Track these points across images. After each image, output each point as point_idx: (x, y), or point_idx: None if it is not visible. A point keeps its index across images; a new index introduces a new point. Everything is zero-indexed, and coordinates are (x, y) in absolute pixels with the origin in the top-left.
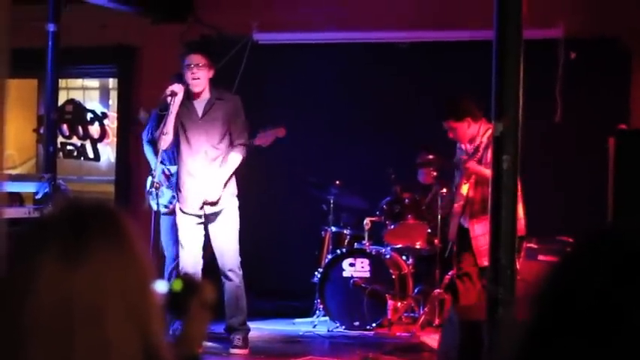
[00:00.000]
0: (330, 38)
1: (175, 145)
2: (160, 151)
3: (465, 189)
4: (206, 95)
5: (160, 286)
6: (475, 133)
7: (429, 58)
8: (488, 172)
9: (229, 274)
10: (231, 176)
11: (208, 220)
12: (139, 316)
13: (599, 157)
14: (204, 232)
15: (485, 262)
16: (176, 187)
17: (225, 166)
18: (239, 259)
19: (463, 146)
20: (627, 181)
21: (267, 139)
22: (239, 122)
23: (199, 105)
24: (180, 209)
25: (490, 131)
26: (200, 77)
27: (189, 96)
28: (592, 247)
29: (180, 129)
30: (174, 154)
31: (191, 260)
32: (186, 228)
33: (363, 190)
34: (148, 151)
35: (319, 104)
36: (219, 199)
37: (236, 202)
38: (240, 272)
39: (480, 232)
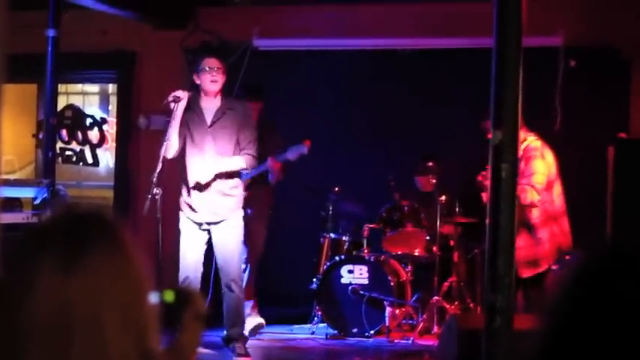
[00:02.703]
0: (330, 45)
1: (183, 150)
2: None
3: None
4: (217, 103)
5: (153, 298)
6: None
7: (430, 66)
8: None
9: (231, 284)
10: (234, 189)
11: (210, 230)
12: (136, 323)
13: (599, 165)
14: (206, 240)
15: (525, 274)
16: (184, 192)
17: (227, 160)
18: (241, 270)
19: None
20: (626, 190)
21: (294, 155)
22: (247, 132)
23: (209, 113)
24: (186, 216)
25: (527, 142)
26: (218, 80)
27: (199, 103)
28: (608, 258)
29: (187, 136)
30: None
31: (192, 268)
32: (188, 235)
33: (362, 196)
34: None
35: (319, 111)
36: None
37: (241, 214)
38: (242, 283)
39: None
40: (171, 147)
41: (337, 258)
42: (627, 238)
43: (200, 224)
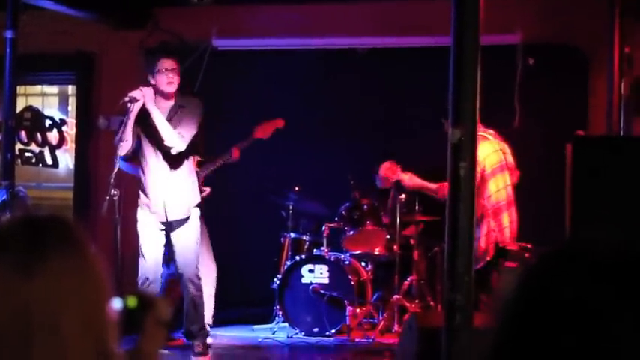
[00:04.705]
0: (289, 44)
1: (139, 150)
2: (118, 157)
3: None
4: (171, 102)
5: (115, 303)
6: None
7: (388, 64)
8: (431, 185)
9: (188, 283)
10: (192, 186)
11: (171, 227)
12: (96, 327)
13: (557, 163)
14: (165, 240)
15: None
16: (142, 192)
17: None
18: (198, 268)
19: None
20: (585, 188)
21: (267, 132)
22: (185, 124)
23: (164, 112)
24: (144, 215)
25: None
26: (174, 82)
27: (155, 102)
28: (558, 257)
29: (143, 134)
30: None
31: (152, 267)
32: (148, 234)
33: (322, 196)
34: (123, 165)
35: (278, 110)
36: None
37: (197, 212)
38: (199, 281)
39: None
40: (126, 147)
41: (297, 257)
42: (585, 236)
43: (159, 223)
